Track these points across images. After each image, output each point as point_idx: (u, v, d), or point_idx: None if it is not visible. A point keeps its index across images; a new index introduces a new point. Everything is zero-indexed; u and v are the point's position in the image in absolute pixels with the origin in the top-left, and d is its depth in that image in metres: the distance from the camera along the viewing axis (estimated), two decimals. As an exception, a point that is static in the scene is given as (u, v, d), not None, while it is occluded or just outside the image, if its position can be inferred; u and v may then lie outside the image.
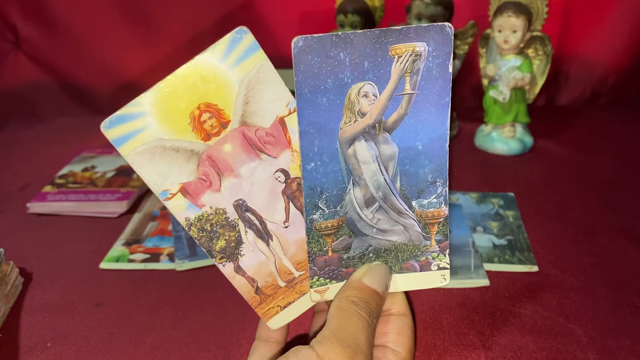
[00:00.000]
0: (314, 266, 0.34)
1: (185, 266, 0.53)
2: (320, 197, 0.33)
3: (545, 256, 0.53)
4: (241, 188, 0.32)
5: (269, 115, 0.31)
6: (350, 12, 0.81)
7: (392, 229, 0.34)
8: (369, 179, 0.33)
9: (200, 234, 0.32)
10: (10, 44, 1.00)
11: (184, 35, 0.98)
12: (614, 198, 0.65)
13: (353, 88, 0.31)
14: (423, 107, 0.31)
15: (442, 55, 0.30)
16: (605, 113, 1.00)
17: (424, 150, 0.32)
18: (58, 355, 0.43)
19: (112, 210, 0.64)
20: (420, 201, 0.34)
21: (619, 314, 0.45)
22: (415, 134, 0.32)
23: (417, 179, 0.33)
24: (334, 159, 0.32)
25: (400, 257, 0.34)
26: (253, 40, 0.29)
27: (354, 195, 0.33)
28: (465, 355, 0.41)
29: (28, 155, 0.85)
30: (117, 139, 0.29)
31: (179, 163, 0.30)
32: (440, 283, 0.35)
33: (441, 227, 0.34)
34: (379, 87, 0.31)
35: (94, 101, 1.06)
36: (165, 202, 0.31)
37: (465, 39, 0.81)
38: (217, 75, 0.29)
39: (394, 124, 0.32)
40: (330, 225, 0.33)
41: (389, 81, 0.31)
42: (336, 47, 0.30)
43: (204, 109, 0.30)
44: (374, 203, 0.33)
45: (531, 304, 0.47)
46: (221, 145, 0.31)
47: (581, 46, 1.01)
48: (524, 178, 0.72)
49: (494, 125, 0.80)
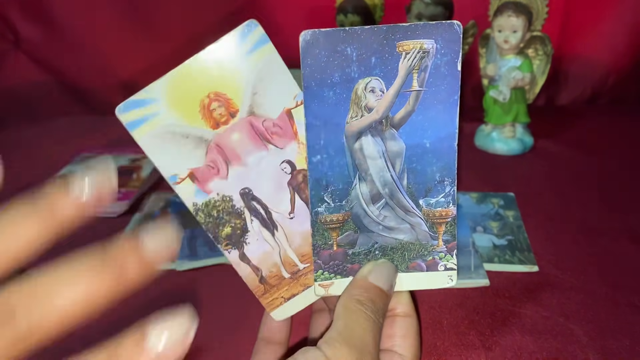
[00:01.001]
0: (319, 259, 0.34)
1: (185, 266, 0.53)
2: (326, 190, 0.33)
3: (546, 256, 0.53)
4: (248, 177, 0.33)
5: (277, 106, 0.32)
6: (350, 12, 0.81)
7: (398, 227, 0.33)
8: (376, 174, 0.33)
9: (207, 220, 0.33)
10: (10, 43, 1.00)
11: (184, 35, 0.98)
12: (614, 198, 0.65)
13: (360, 83, 0.31)
14: (431, 104, 0.31)
15: (451, 53, 0.30)
16: (605, 113, 1.00)
17: (432, 148, 0.32)
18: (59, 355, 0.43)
19: (113, 210, 0.64)
20: (428, 200, 0.33)
21: (620, 314, 0.45)
22: (423, 132, 0.32)
23: (425, 177, 0.33)
24: (340, 153, 0.32)
25: (407, 256, 0.34)
26: (263, 33, 0.30)
27: (360, 191, 0.33)
28: (465, 356, 0.41)
29: (28, 155, 0.85)
30: (130, 123, 0.30)
31: (188, 149, 0.31)
32: (447, 284, 0.34)
33: (449, 227, 0.33)
34: (386, 83, 0.31)
35: (94, 101, 1.05)
36: (174, 186, 0.32)
37: (465, 38, 0.81)
38: (226, 65, 0.30)
39: (401, 120, 0.32)
40: (336, 220, 0.33)
41: (396, 77, 0.31)
42: (343, 42, 0.30)
43: (213, 98, 0.31)
44: (381, 200, 0.33)
45: (531, 304, 0.47)
46: (229, 134, 0.32)
47: (581, 46, 1.01)
48: (524, 178, 0.72)
49: (494, 125, 0.80)
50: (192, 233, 0.58)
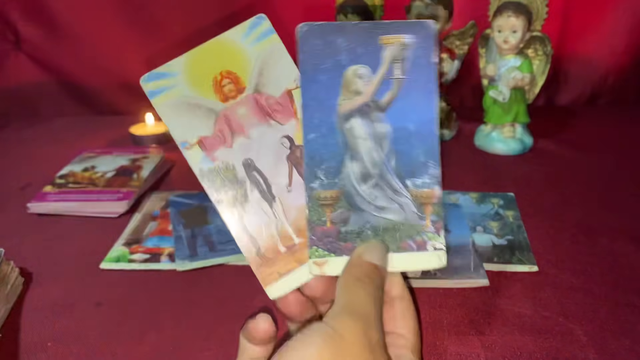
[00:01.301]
0: (313, 235, 0.35)
1: (185, 266, 0.53)
2: (320, 166, 0.36)
3: (545, 256, 0.53)
4: (251, 148, 0.36)
5: (279, 87, 0.36)
6: (350, 12, 0.81)
7: (388, 207, 0.36)
8: (365, 155, 0.36)
9: (210, 186, 0.36)
10: (10, 44, 1.01)
11: (184, 35, 0.98)
12: (613, 198, 0.65)
13: (349, 69, 0.35)
14: (412, 91, 0.36)
15: (427, 47, 0.35)
16: (604, 113, 1.00)
17: (415, 131, 0.36)
18: (58, 355, 0.43)
19: (113, 210, 0.64)
20: (414, 180, 0.36)
21: (619, 314, 0.45)
22: (406, 115, 0.36)
23: (410, 159, 0.36)
24: (332, 132, 0.36)
25: (398, 236, 0.36)
26: (270, 26, 0.36)
27: (352, 170, 0.36)
28: (465, 355, 0.41)
29: (28, 155, 0.85)
30: (151, 92, 0.34)
31: (200, 118, 0.35)
32: (437, 264, 0.35)
33: (436, 207, 0.36)
34: (372, 70, 0.36)
35: (94, 101, 1.06)
36: (184, 151, 0.35)
37: (465, 39, 0.82)
38: (237, 49, 0.36)
39: (387, 104, 0.36)
40: (329, 197, 0.36)
41: (380, 66, 0.36)
42: (335, 34, 0.35)
43: (225, 75, 0.36)
44: (371, 179, 0.36)
45: (531, 303, 0.47)
46: (236, 108, 0.36)
47: (581, 46, 1.01)
48: (523, 178, 0.72)
49: (493, 125, 0.81)
50: (192, 233, 0.58)
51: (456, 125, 0.88)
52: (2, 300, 0.47)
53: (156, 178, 0.74)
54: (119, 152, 0.78)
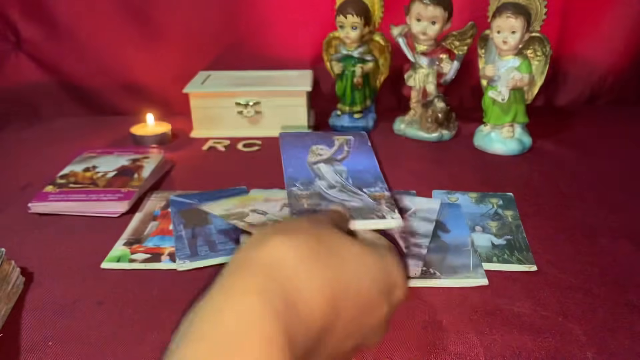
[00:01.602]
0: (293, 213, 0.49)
1: (186, 266, 0.53)
2: (296, 182, 0.55)
3: (544, 256, 0.54)
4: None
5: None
6: (350, 13, 0.81)
7: (351, 200, 0.51)
8: (330, 179, 0.56)
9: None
10: (11, 44, 1.01)
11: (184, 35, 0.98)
12: (612, 198, 0.65)
13: (313, 147, 0.63)
14: (358, 154, 0.64)
15: (363, 141, 0.67)
16: (603, 113, 1.00)
17: (365, 170, 0.59)
18: (59, 354, 0.43)
19: (113, 210, 0.64)
20: (369, 189, 0.54)
21: (618, 313, 0.45)
22: (356, 164, 0.61)
23: (363, 181, 0.56)
24: (304, 168, 0.58)
25: (361, 212, 0.48)
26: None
27: (320, 184, 0.55)
28: (464, 355, 0.42)
29: (29, 155, 0.85)
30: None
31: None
32: (394, 225, 0.48)
33: (387, 200, 0.51)
34: (328, 148, 0.63)
35: (94, 101, 1.06)
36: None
37: (464, 39, 0.82)
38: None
39: (342, 159, 0.61)
40: (306, 195, 0.52)
41: (334, 147, 0.64)
42: (303, 137, 0.66)
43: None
44: (336, 188, 0.54)
45: (530, 303, 0.47)
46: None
47: (580, 47, 1.01)
48: (522, 178, 0.72)
49: (492, 125, 0.81)
50: (192, 233, 0.58)
51: (455, 125, 0.88)
52: (3, 300, 0.47)
53: (157, 178, 0.74)
54: (120, 152, 0.78)
